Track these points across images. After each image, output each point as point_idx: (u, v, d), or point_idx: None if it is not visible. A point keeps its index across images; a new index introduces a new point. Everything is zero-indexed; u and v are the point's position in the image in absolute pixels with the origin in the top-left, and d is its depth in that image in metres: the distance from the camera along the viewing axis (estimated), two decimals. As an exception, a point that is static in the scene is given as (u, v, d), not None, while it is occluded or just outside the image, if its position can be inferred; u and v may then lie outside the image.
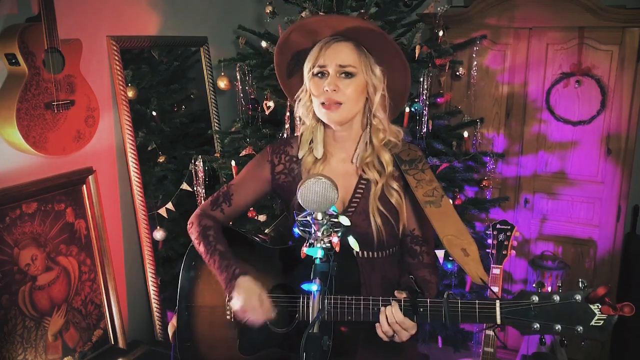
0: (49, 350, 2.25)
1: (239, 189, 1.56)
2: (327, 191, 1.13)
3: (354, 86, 1.38)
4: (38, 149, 2.06)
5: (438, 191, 1.42)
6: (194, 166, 2.56)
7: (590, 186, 2.89)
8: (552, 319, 1.13)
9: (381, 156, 1.45)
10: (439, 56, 2.50)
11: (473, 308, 1.22)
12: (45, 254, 2.23)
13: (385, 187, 1.45)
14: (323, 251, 1.14)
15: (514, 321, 1.16)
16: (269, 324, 1.45)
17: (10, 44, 1.97)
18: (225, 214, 1.57)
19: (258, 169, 1.55)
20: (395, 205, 1.45)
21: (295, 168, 1.51)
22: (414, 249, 1.50)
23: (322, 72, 1.38)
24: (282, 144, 1.56)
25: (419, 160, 1.47)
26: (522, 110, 2.96)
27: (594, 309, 1.10)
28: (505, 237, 2.10)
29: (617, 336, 2.96)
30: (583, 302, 1.11)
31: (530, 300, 1.15)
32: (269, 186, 1.55)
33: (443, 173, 2.52)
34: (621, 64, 2.71)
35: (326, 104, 1.37)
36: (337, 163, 1.49)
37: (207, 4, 3.03)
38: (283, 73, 1.50)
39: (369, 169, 1.45)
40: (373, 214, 1.43)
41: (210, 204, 1.58)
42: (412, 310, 1.26)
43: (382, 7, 2.46)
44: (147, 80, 2.70)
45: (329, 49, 1.37)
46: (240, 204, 1.57)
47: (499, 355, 2.88)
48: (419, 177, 1.44)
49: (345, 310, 1.32)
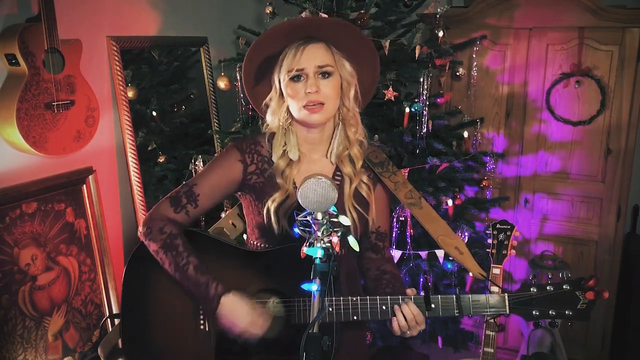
0: (49, 351, 2.25)
1: (206, 189, 1.46)
2: (327, 191, 1.13)
3: (332, 85, 1.39)
4: (38, 149, 2.06)
5: (414, 192, 1.51)
6: (194, 166, 2.56)
7: (590, 186, 2.89)
8: (548, 306, 1.34)
9: (352, 151, 1.48)
10: (439, 56, 2.50)
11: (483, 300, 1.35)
12: (45, 253, 2.23)
13: (357, 183, 1.48)
14: (323, 251, 1.14)
15: (519, 310, 1.35)
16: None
17: (10, 44, 1.97)
18: (190, 216, 1.45)
19: (227, 169, 1.47)
20: (366, 198, 1.49)
21: (268, 169, 1.48)
22: (377, 245, 1.57)
23: (299, 75, 1.38)
24: (252, 143, 1.50)
25: (387, 163, 1.52)
26: (522, 110, 2.96)
27: (579, 295, 1.32)
28: (505, 237, 2.10)
29: (617, 336, 2.96)
30: (571, 290, 1.33)
31: (530, 291, 1.34)
32: (236, 186, 1.49)
33: (443, 173, 2.52)
34: (621, 64, 2.71)
35: (309, 107, 1.37)
36: (309, 164, 1.49)
37: (207, 4, 3.03)
38: (251, 81, 1.47)
39: (344, 164, 1.48)
40: (349, 209, 1.46)
41: (170, 204, 1.45)
42: (424, 306, 1.34)
43: (382, 7, 2.46)
44: (147, 80, 2.70)
45: (305, 51, 1.37)
46: (207, 205, 1.47)
47: (499, 355, 2.88)
48: (394, 179, 1.51)
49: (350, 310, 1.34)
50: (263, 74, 1.46)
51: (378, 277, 1.52)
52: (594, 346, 2.98)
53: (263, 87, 1.48)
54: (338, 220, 1.17)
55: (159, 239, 1.40)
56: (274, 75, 1.43)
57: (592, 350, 2.99)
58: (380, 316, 1.34)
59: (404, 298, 1.34)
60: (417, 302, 1.33)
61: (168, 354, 1.45)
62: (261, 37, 1.41)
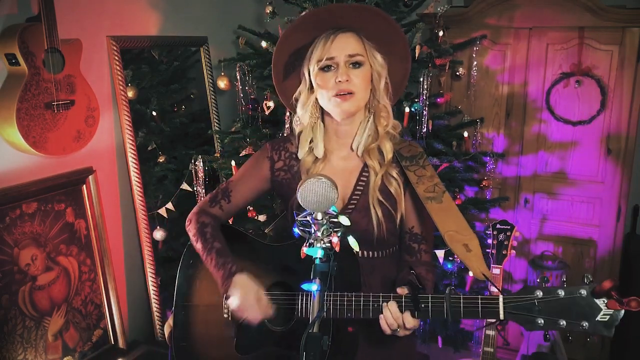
0: (49, 350, 2.25)
1: (238, 186, 1.55)
2: (327, 191, 1.13)
3: (362, 75, 1.38)
4: (38, 149, 2.06)
5: (439, 187, 1.42)
6: (194, 166, 2.56)
7: (590, 186, 2.89)
8: (557, 314, 1.10)
9: (382, 145, 1.45)
10: (439, 56, 2.50)
11: (475, 303, 1.21)
12: (45, 254, 2.23)
13: (385, 176, 1.45)
14: (323, 251, 1.14)
15: (518, 317, 1.14)
16: (267, 322, 1.44)
17: (10, 44, 1.97)
18: (224, 210, 1.56)
19: (257, 166, 1.54)
20: (394, 194, 1.45)
21: (295, 165, 1.50)
22: (412, 247, 1.49)
23: (330, 65, 1.37)
24: (282, 141, 1.55)
25: (420, 157, 1.47)
26: (522, 110, 2.96)
27: (600, 304, 1.07)
28: (505, 237, 2.10)
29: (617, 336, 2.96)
30: (588, 297, 1.08)
31: (534, 295, 1.13)
32: (268, 183, 1.54)
33: (443, 173, 2.51)
34: (621, 64, 2.71)
35: (340, 95, 1.36)
36: (337, 161, 1.48)
37: (207, 4, 3.03)
38: (280, 74, 1.47)
39: (370, 158, 1.45)
40: (373, 204, 1.42)
41: (208, 201, 1.57)
42: (413, 307, 1.25)
43: (382, 6, 2.46)
44: (147, 80, 2.70)
45: (335, 41, 1.36)
46: (239, 201, 1.56)
47: (499, 355, 2.88)
48: (419, 173, 1.44)
49: (344, 307, 1.32)
50: (292, 67, 1.46)
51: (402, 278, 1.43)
52: (594, 346, 2.98)
53: (292, 80, 1.48)
54: (338, 221, 1.17)
55: (195, 227, 1.52)
56: (303, 68, 1.43)
57: (592, 350, 2.99)
58: (372, 314, 1.30)
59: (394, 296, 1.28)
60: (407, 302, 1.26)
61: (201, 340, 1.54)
62: (290, 27, 1.41)
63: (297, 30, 1.40)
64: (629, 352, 2.91)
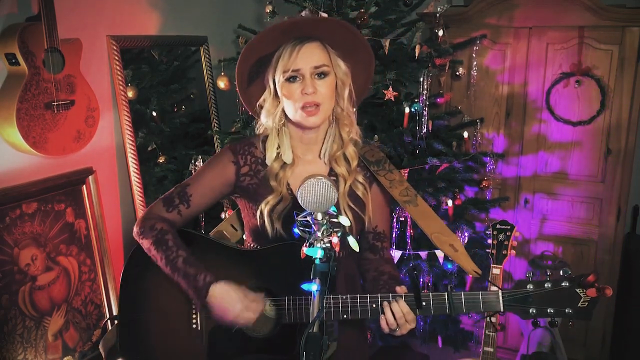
0: (49, 350, 2.25)
1: (198, 189, 1.46)
2: (327, 191, 1.13)
3: (327, 85, 1.38)
4: (38, 149, 2.06)
5: (411, 190, 1.48)
6: (194, 166, 2.56)
7: (590, 186, 2.89)
8: (546, 304, 1.28)
9: (347, 151, 1.47)
10: (439, 56, 2.50)
11: (477, 298, 1.30)
12: (45, 254, 2.23)
13: (352, 183, 1.47)
14: (323, 251, 1.14)
15: (515, 308, 1.29)
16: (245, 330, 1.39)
17: (10, 44, 1.97)
18: (182, 216, 1.46)
19: (221, 169, 1.47)
20: (362, 198, 1.48)
21: (261, 170, 1.47)
22: (375, 245, 1.54)
23: (295, 75, 1.36)
24: (246, 145, 1.49)
25: (384, 161, 1.51)
26: (522, 110, 2.96)
27: (580, 292, 1.27)
28: (505, 237, 2.10)
29: (617, 336, 2.96)
30: (570, 288, 1.27)
31: (527, 288, 1.29)
32: (230, 188, 1.49)
33: (443, 173, 2.52)
34: (621, 64, 2.71)
35: (306, 109, 1.36)
36: (304, 165, 1.48)
37: (207, 4, 3.03)
38: (244, 81, 1.45)
39: (338, 165, 1.46)
40: (344, 209, 1.45)
41: (163, 205, 1.46)
42: (415, 304, 1.29)
43: (382, 6, 2.46)
44: (147, 80, 2.70)
45: (301, 52, 1.35)
46: (199, 206, 1.48)
47: (499, 355, 2.88)
48: (389, 177, 1.49)
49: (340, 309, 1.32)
50: (256, 73, 1.44)
51: (376, 278, 1.49)
52: (594, 346, 2.98)
53: (256, 87, 1.46)
54: (338, 221, 1.17)
55: (150, 235, 1.40)
56: (267, 75, 1.42)
57: (592, 350, 2.99)
58: (371, 314, 1.32)
59: (394, 296, 1.31)
60: (408, 300, 1.30)
61: (162, 353, 1.45)
62: (256, 37, 1.39)
63: (262, 41, 1.39)
64: (629, 352, 2.91)
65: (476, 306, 1.30)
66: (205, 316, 1.42)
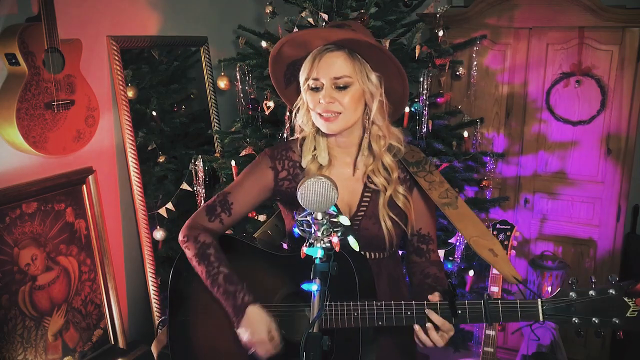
0: (49, 350, 2.25)
1: (239, 197, 1.49)
2: (327, 191, 1.13)
3: (350, 96, 1.35)
4: (38, 149, 2.06)
5: (451, 192, 1.43)
6: (194, 166, 2.56)
7: (590, 186, 2.89)
8: (590, 314, 1.20)
9: (384, 162, 1.44)
10: (439, 56, 2.50)
11: (515, 307, 1.24)
12: (45, 253, 2.23)
13: (393, 192, 1.44)
14: (323, 251, 1.14)
15: (556, 318, 1.22)
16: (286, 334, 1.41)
17: (10, 44, 1.97)
18: (224, 224, 1.50)
19: (259, 176, 1.50)
20: (403, 209, 1.45)
21: (299, 174, 1.47)
22: (420, 248, 1.51)
23: (317, 85, 1.36)
24: (283, 149, 1.51)
25: (425, 162, 1.47)
26: (522, 110, 2.96)
27: (628, 302, 1.18)
28: (505, 237, 2.10)
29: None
30: (618, 296, 1.18)
31: (569, 297, 1.21)
32: (270, 193, 1.51)
33: (443, 173, 2.51)
34: (621, 64, 2.71)
35: (324, 116, 1.36)
36: (343, 167, 1.47)
37: (207, 4, 3.03)
38: (280, 82, 1.47)
39: (375, 176, 1.44)
40: (383, 219, 1.43)
41: (206, 213, 1.49)
42: (450, 313, 1.26)
43: (382, 7, 2.46)
44: (147, 80, 2.70)
45: (321, 61, 1.34)
46: (240, 213, 1.51)
47: (499, 355, 2.88)
48: (429, 179, 1.45)
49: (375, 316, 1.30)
50: (293, 75, 1.44)
51: (421, 282, 1.46)
52: (594, 346, 2.98)
53: (294, 87, 1.46)
54: (338, 221, 1.17)
55: (194, 247, 1.45)
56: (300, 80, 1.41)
57: (592, 350, 2.99)
58: (406, 322, 1.28)
59: (429, 304, 1.27)
60: (443, 309, 1.26)
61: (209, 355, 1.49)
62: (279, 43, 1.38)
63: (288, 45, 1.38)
64: (629, 352, 2.91)
65: (514, 315, 1.23)
66: None
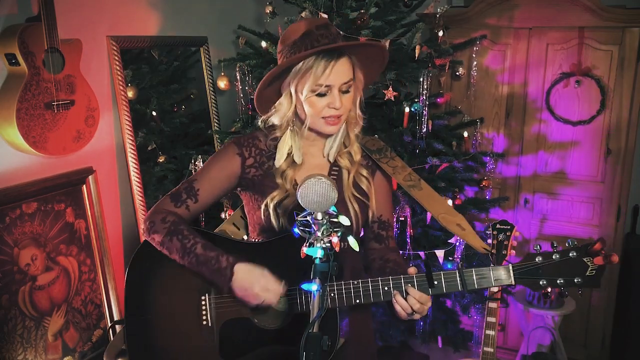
0: (49, 350, 2.25)
1: (205, 184, 1.48)
2: (327, 191, 1.13)
3: (350, 98, 1.42)
4: (38, 149, 2.06)
5: (414, 175, 1.53)
6: (194, 166, 2.56)
7: (590, 186, 2.89)
8: (555, 274, 1.31)
9: (352, 148, 1.50)
10: (439, 56, 2.50)
11: (487, 273, 1.33)
12: (45, 254, 2.23)
13: (356, 175, 1.50)
14: (323, 251, 1.14)
15: (525, 280, 1.32)
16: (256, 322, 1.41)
17: (10, 44, 1.97)
18: (190, 211, 1.47)
19: (226, 163, 1.49)
20: (366, 190, 1.51)
21: (266, 162, 1.49)
22: (380, 234, 1.56)
23: (325, 92, 1.37)
24: (250, 138, 1.52)
25: (385, 149, 1.55)
26: (522, 110, 2.96)
27: (587, 262, 1.29)
28: (505, 237, 2.09)
29: (617, 336, 2.96)
30: (578, 257, 1.29)
31: (536, 260, 1.31)
32: (236, 180, 1.50)
33: (443, 173, 2.52)
34: (621, 64, 2.71)
35: (330, 120, 1.40)
36: (308, 160, 1.51)
37: (207, 4, 3.03)
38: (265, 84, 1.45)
39: (342, 158, 1.50)
40: (350, 200, 1.48)
41: (170, 200, 1.47)
42: (427, 284, 1.32)
43: (381, 7, 2.46)
44: (147, 80, 2.70)
45: (334, 69, 1.36)
46: (207, 200, 1.49)
47: (499, 355, 2.88)
48: (392, 164, 1.53)
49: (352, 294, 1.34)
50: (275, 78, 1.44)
51: (382, 267, 1.50)
52: (594, 346, 2.98)
53: (272, 89, 1.46)
54: (338, 221, 1.17)
55: (163, 227, 1.41)
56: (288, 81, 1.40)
57: (592, 350, 2.99)
58: (383, 297, 1.34)
59: (405, 277, 1.33)
60: (420, 280, 1.32)
61: (171, 353, 1.45)
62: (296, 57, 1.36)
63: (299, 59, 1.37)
64: (629, 352, 2.91)
65: (487, 281, 1.32)
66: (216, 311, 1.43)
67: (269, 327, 1.42)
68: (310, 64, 1.36)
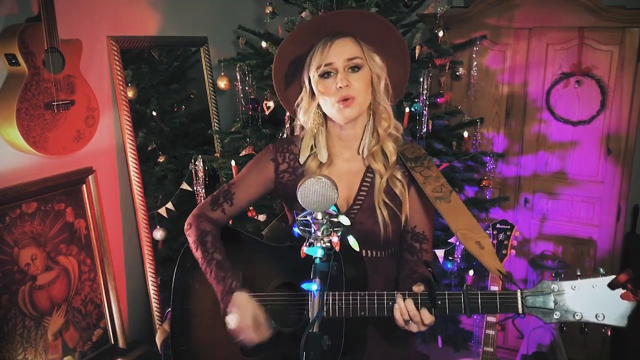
0: (49, 350, 2.25)
1: (241, 188, 1.54)
2: (327, 191, 1.13)
3: (362, 78, 1.38)
4: (38, 149, 2.06)
5: (446, 187, 1.43)
6: (194, 166, 2.56)
7: (590, 186, 2.89)
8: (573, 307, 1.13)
9: (385, 146, 1.46)
10: (439, 56, 2.50)
11: (494, 298, 1.21)
12: (45, 253, 2.23)
13: (390, 178, 1.46)
14: (323, 251, 1.14)
15: (536, 310, 1.17)
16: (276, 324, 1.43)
17: (10, 44, 1.97)
18: (226, 214, 1.55)
19: (261, 167, 1.53)
20: (399, 196, 1.46)
21: (299, 167, 1.50)
22: (413, 246, 1.50)
23: (329, 71, 1.38)
24: (285, 143, 1.54)
25: (424, 158, 1.48)
26: (522, 110, 2.96)
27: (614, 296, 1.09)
28: (505, 236, 2.10)
29: (617, 336, 2.96)
30: (603, 289, 1.10)
31: (551, 289, 1.15)
32: (272, 185, 1.54)
33: (443, 173, 2.50)
34: (621, 64, 2.71)
35: (342, 101, 1.37)
36: (342, 163, 1.49)
37: (207, 4, 3.03)
38: (281, 84, 1.48)
39: (374, 160, 1.46)
40: (379, 206, 1.44)
41: (210, 203, 1.56)
42: (430, 303, 1.25)
43: (382, 7, 2.46)
44: (147, 80, 2.70)
45: (333, 46, 1.37)
46: (242, 203, 1.55)
47: (499, 355, 2.88)
48: (425, 173, 1.45)
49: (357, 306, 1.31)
50: (292, 76, 1.46)
51: (406, 277, 1.45)
52: (594, 346, 2.98)
53: (293, 89, 1.48)
54: (338, 220, 1.17)
55: (194, 234, 1.51)
56: (303, 75, 1.43)
57: (592, 350, 2.99)
58: (387, 312, 1.29)
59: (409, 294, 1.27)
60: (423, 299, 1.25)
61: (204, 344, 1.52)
62: (287, 39, 1.41)
63: (294, 41, 1.41)
64: (629, 352, 2.91)
65: (493, 307, 1.21)
66: None
67: (285, 330, 1.44)
68: (314, 50, 1.39)
